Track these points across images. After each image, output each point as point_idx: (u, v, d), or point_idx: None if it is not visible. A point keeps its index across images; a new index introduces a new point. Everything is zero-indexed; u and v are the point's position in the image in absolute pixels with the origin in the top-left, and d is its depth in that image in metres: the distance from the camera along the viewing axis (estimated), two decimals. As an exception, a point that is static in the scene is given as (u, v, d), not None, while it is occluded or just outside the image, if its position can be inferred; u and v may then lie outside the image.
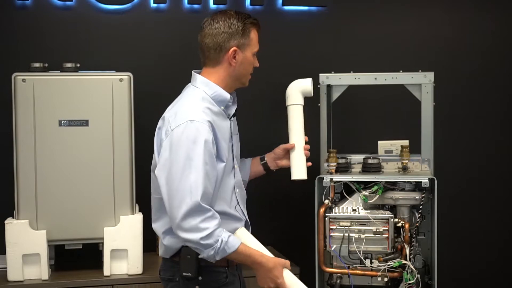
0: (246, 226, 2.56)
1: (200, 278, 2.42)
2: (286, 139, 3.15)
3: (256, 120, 3.31)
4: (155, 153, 2.46)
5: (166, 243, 2.48)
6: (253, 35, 2.52)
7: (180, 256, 2.43)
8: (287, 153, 2.81)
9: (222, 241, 2.31)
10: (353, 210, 2.84)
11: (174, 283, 2.49)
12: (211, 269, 2.42)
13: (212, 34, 2.47)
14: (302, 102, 2.82)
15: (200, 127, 2.34)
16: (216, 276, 2.45)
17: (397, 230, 2.82)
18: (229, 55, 2.47)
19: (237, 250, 2.34)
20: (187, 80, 3.50)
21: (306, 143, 2.81)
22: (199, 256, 2.36)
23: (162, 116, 2.50)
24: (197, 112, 2.38)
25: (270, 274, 2.41)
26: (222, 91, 2.49)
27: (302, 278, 3.08)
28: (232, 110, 2.58)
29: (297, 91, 2.83)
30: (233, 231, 2.46)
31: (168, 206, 2.34)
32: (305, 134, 2.79)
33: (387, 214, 2.81)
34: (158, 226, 2.51)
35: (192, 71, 2.58)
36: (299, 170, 2.74)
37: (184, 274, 2.42)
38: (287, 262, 2.46)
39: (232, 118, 2.58)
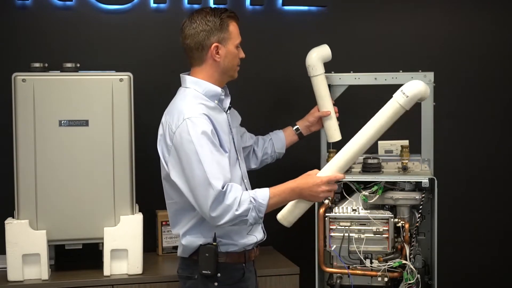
0: None
1: (218, 275, 2.50)
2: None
3: (256, 119, 3.31)
4: (162, 160, 2.55)
5: (184, 243, 2.55)
6: (232, 27, 2.57)
7: (198, 254, 2.50)
8: (319, 119, 3.00)
9: (253, 199, 2.39)
10: (353, 210, 2.84)
11: (192, 280, 2.55)
12: (229, 266, 2.52)
13: (191, 35, 2.55)
14: (324, 70, 2.96)
15: (197, 121, 2.42)
16: (234, 272, 2.54)
17: (397, 230, 2.82)
18: (212, 51, 2.54)
19: (271, 195, 2.41)
20: (187, 80, 3.51)
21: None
22: (247, 225, 2.44)
23: (161, 121, 2.57)
24: (192, 109, 2.46)
25: (314, 188, 2.44)
26: (212, 86, 2.56)
27: (302, 278, 3.09)
28: (227, 103, 2.64)
29: (318, 60, 2.95)
30: (248, 227, 2.55)
31: (196, 206, 2.43)
32: None
33: (387, 214, 2.81)
34: (177, 230, 2.59)
35: (181, 74, 2.64)
36: (336, 133, 3.01)
37: (203, 272, 2.49)
38: (313, 170, 2.50)
39: (228, 111, 2.64)
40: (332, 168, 2.50)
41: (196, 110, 2.46)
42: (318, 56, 2.95)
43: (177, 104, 2.54)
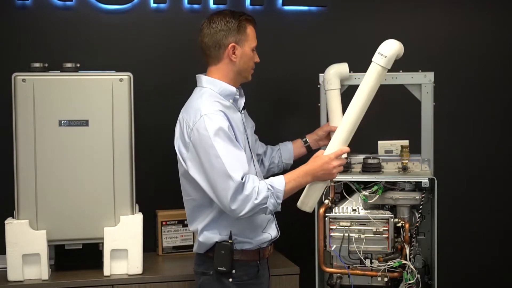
0: (272, 214, 2.70)
1: (233, 271, 2.56)
2: (287, 136, 3.16)
3: (255, 119, 3.30)
4: (180, 158, 2.58)
5: (201, 239, 2.60)
6: (250, 30, 2.67)
7: (214, 251, 2.56)
8: (328, 133, 3.00)
9: (270, 186, 2.47)
10: (353, 210, 2.84)
11: (207, 276, 2.61)
12: (244, 263, 2.58)
13: (210, 34, 2.64)
14: (339, 86, 2.96)
15: (214, 117, 2.49)
16: (249, 269, 2.60)
17: (397, 230, 2.82)
18: (229, 51, 2.62)
19: (286, 181, 2.50)
20: (187, 80, 3.51)
21: None
22: (267, 213, 2.50)
23: (178, 120, 2.64)
24: (209, 106, 2.53)
25: (325, 166, 2.55)
26: (228, 85, 2.64)
27: (302, 278, 3.09)
28: (241, 103, 2.73)
29: (335, 76, 2.96)
30: (264, 220, 2.64)
31: (216, 199, 2.49)
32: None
33: (387, 214, 2.81)
34: (195, 226, 2.64)
35: (196, 75, 2.70)
36: None
37: (218, 268, 2.55)
38: (319, 151, 2.61)
39: (243, 111, 2.73)
40: (336, 144, 2.61)
41: (212, 107, 2.53)
42: (335, 72, 2.97)
43: (194, 103, 2.60)
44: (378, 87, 2.65)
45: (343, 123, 2.64)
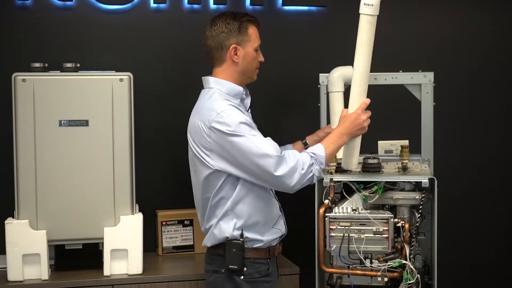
0: (280, 211, 2.77)
1: (244, 269, 2.59)
2: (286, 136, 3.16)
3: (256, 119, 3.30)
4: (200, 161, 2.61)
5: (216, 232, 2.63)
6: (252, 31, 2.70)
7: (225, 249, 2.59)
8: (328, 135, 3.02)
9: (312, 153, 2.60)
10: (353, 210, 2.84)
11: (218, 274, 2.64)
12: (254, 261, 2.62)
13: (212, 36, 2.68)
14: (343, 89, 2.95)
15: (231, 112, 2.56)
16: (259, 267, 2.64)
17: (397, 230, 2.82)
18: (230, 52, 2.66)
19: (325, 146, 2.64)
20: (187, 79, 3.52)
21: None
22: (314, 181, 2.62)
23: (189, 127, 2.69)
24: (222, 103, 2.59)
25: (356, 121, 2.71)
26: (234, 85, 2.69)
27: (302, 278, 3.10)
28: (247, 102, 2.78)
29: (340, 78, 2.96)
30: (275, 215, 2.71)
31: (263, 181, 2.58)
32: None
33: (387, 214, 2.81)
34: (211, 222, 2.65)
35: (202, 77, 2.73)
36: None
37: (230, 266, 2.59)
38: (343, 111, 2.77)
39: (249, 111, 2.78)
40: (356, 100, 2.75)
41: (226, 104, 2.58)
42: (340, 74, 2.96)
43: (205, 103, 2.64)
44: (373, 37, 2.78)
45: (354, 80, 2.76)
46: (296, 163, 2.55)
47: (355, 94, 2.77)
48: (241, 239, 2.60)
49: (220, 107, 2.56)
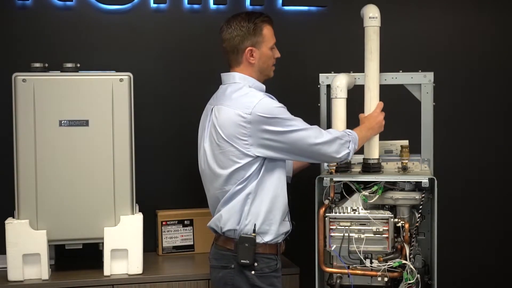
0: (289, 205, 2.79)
1: (255, 264, 2.62)
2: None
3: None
4: (233, 145, 2.60)
5: (225, 217, 2.65)
6: (266, 31, 2.75)
7: (235, 244, 2.62)
8: None
9: (349, 131, 2.78)
10: (353, 210, 2.83)
11: (228, 270, 2.66)
12: (265, 256, 2.65)
13: (227, 39, 2.72)
14: (346, 95, 2.96)
15: (267, 99, 2.64)
16: (269, 262, 2.67)
17: (397, 230, 2.82)
18: (246, 54, 2.70)
19: (357, 132, 2.80)
20: (187, 79, 3.52)
21: None
22: (349, 158, 2.77)
23: (219, 117, 2.65)
24: (257, 93, 2.66)
25: (378, 119, 2.90)
26: (257, 82, 2.75)
27: (302, 278, 3.10)
28: None
29: (346, 85, 2.95)
30: (286, 211, 2.73)
31: (311, 154, 2.69)
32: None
33: (387, 214, 2.81)
34: (224, 208, 2.66)
35: (224, 74, 2.76)
36: None
37: (242, 261, 2.61)
38: (361, 115, 2.95)
39: None
40: (372, 102, 2.94)
41: (261, 93, 2.67)
42: (347, 82, 2.95)
43: (238, 95, 2.66)
44: (379, 44, 2.94)
45: (367, 85, 2.94)
46: (336, 134, 2.70)
47: (370, 97, 2.94)
48: (253, 234, 2.62)
49: (258, 95, 2.63)
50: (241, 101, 2.62)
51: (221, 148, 2.64)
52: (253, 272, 2.63)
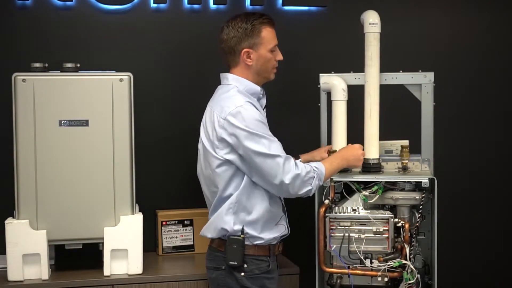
0: (283, 211, 2.79)
1: (245, 266, 2.61)
2: (286, 136, 3.15)
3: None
4: (210, 154, 2.62)
5: (216, 223, 2.65)
6: (265, 33, 2.71)
7: (225, 246, 2.61)
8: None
9: (315, 167, 2.64)
10: (353, 210, 2.84)
11: (220, 271, 2.66)
12: (254, 257, 2.64)
13: (225, 40, 2.71)
14: (346, 97, 2.97)
15: (247, 107, 2.58)
16: (260, 264, 2.65)
17: (397, 230, 2.82)
18: (242, 56, 2.67)
19: (326, 165, 2.70)
20: (187, 79, 3.52)
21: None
22: (310, 194, 2.65)
23: (204, 117, 2.69)
24: (239, 98, 2.61)
25: (355, 152, 2.81)
26: (252, 84, 2.70)
27: (302, 278, 3.10)
28: (263, 103, 2.80)
29: (341, 88, 2.96)
30: (278, 214, 2.72)
31: (269, 184, 2.59)
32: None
33: (387, 214, 2.81)
34: (215, 213, 2.68)
35: (221, 74, 2.75)
36: None
37: (230, 263, 2.60)
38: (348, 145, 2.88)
39: (264, 110, 2.79)
40: (372, 107, 2.91)
41: (243, 99, 2.61)
42: (344, 84, 2.98)
43: (223, 97, 2.66)
44: (379, 49, 2.94)
45: (368, 91, 2.93)
46: (300, 171, 2.58)
47: (370, 103, 2.92)
48: (241, 236, 2.61)
49: (238, 101, 2.58)
50: (221, 104, 2.62)
51: (204, 149, 2.67)
52: (242, 273, 2.62)
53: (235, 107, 2.56)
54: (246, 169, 2.60)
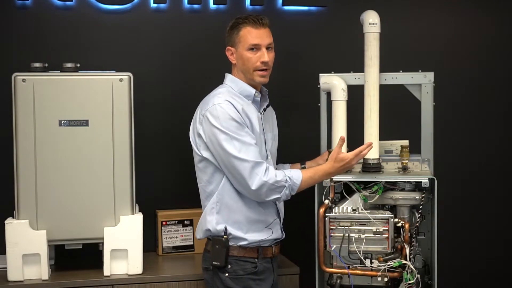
0: (277, 215, 2.79)
1: (229, 267, 2.62)
2: (286, 136, 3.17)
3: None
4: (194, 147, 2.70)
5: (202, 223, 2.70)
6: (244, 32, 2.71)
7: (210, 246, 2.64)
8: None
9: (289, 177, 2.61)
10: (353, 210, 2.84)
11: (209, 272, 2.69)
12: (240, 259, 2.65)
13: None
14: (346, 97, 2.97)
15: (224, 105, 2.60)
16: (245, 265, 2.64)
17: (397, 230, 2.82)
18: (227, 53, 2.77)
19: (304, 177, 2.64)
20: (187, 79, 3.52)
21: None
22: (279, 202, 2.69)
23: (195, 114, 2.77)
24: (221, 97, 2.65)
25: (346, 165, 2.70)
26: (247, 86, 2.75)
27: (302, 278, 3.09)
28: (263, 105, 2.82)
29: (341, 87, 2.97)
30: (269, 216, 2.72)
31: (239, 186, 2.61)
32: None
33: (387, 214, 2.81)
34: (202, 212, 2.72)
35: (226, 74, 2.81)
36: None
37: (213, 263, 2.62)
38: (332, 153, 2.74)
39: (263, 113, 2.80)
40: (372, 107, 2.89)
41: (224, 98, 2.64)
42: (343, 84, 2.98)
43: (210, 95, 2.73)
44: (379, 49, 2.92)
45: (368, 91, 2.91)
46: (269, 179, 2.57)
47: (370, 103, 2.92)
48: (224, 236, 2.62)
49: (217, 99, 2.63)
50: (205, 101, 2.69)
51: (193, 144, 2.73)
52: (226, 274, 2.63)
53: (212, 105, 2.61)
54: (220, 166, 2.64)
